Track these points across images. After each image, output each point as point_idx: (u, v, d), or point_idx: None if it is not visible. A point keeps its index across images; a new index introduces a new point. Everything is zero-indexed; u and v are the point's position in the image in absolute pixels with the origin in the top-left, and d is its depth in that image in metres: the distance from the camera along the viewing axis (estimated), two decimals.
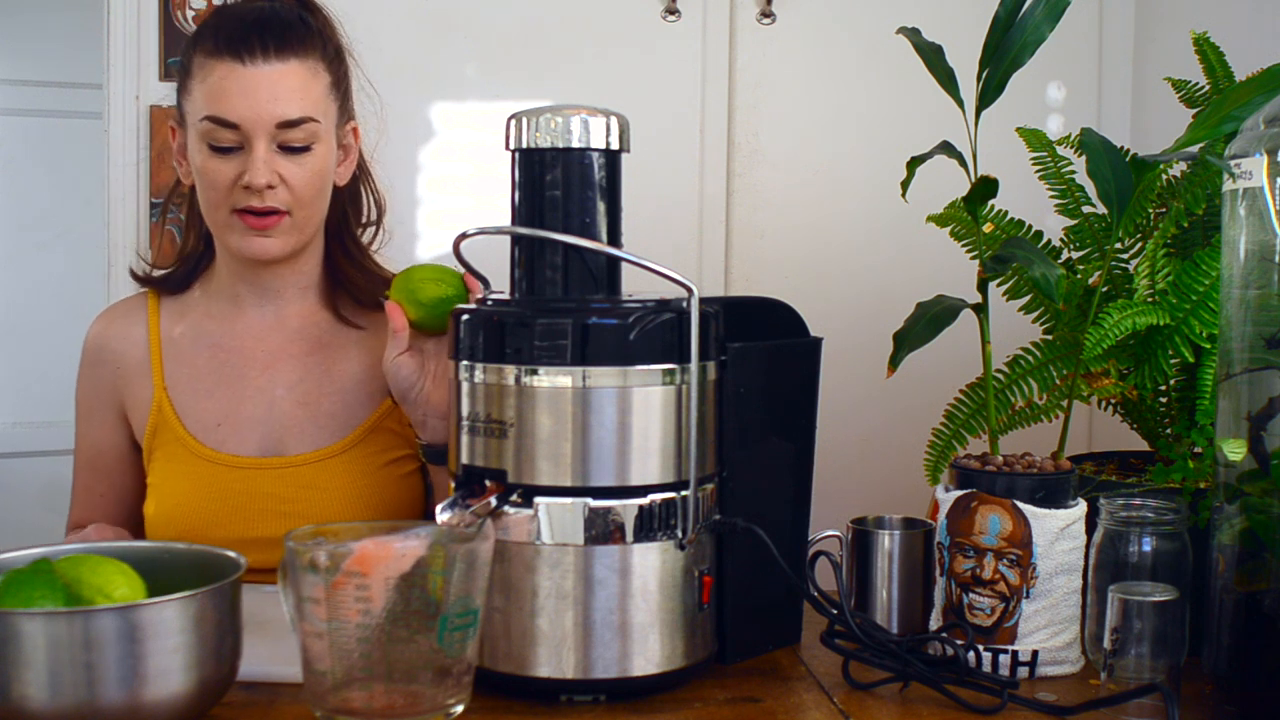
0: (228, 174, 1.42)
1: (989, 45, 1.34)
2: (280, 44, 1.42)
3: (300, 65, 1.43)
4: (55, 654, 0.96)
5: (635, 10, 2.29)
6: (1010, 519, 1.21)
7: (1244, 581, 1.13)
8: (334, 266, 1.57)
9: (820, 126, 2.33)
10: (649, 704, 1.14)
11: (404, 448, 1.54)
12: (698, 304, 1.14)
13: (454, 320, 1.18)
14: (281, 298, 1.55)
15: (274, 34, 1.43)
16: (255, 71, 1.40)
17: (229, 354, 1.54)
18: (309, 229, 1.49)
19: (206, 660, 1.02)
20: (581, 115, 1.18)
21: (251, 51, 1.41)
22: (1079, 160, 1.40)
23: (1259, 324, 1.15)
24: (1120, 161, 1.32)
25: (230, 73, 1.40)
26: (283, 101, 1.41)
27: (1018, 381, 1.48)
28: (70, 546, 1.15)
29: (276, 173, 1.42)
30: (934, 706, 1.14)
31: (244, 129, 1.41)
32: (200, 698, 1.02)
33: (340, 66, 1.51)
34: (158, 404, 1.53)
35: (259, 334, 1.55)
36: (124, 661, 0.97)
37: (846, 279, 2.32)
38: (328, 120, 1.47)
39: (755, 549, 1.19)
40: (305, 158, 1.44)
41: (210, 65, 1.42)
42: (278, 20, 1.45)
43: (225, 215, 1.45)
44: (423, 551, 1.01)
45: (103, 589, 1.04)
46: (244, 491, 1.49)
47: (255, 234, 1.44)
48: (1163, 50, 2.27)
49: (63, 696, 0.96)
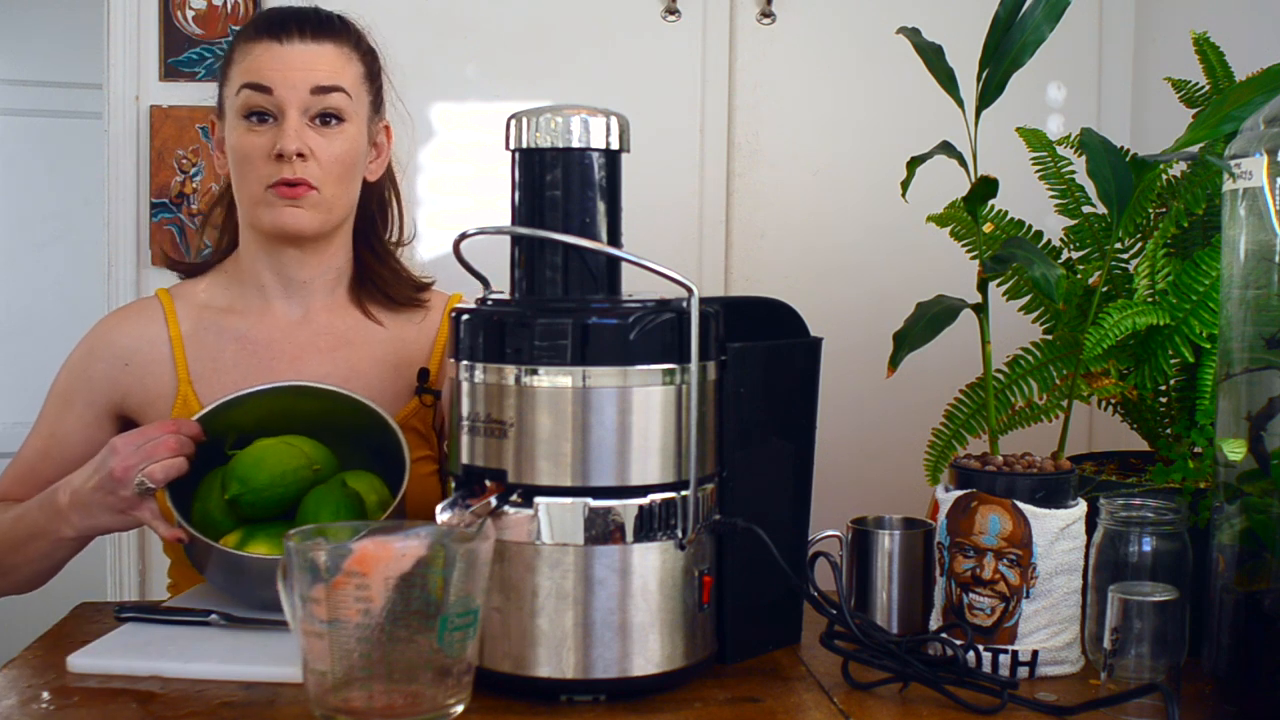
0: (262, 147, 1.48)
1: (989, 45, 1.34)
2: (317, 29, 1.52)
3: (335, 49, 1.52)
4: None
5: (635, 10, 2.29)
6: (1010, 519, 1.21)
7: (1244, 581, 1.13)
8: (362, 264, 1.61)
9: (820, 126, 2.34)
10: (649, 704, 1.14)
11: (425, 448, 1.56)
12: (698, 304, 1.14)
13: (454, 320, 1.18)
14: (308, 290, 1.58)
15: (311, 22, 1.52)
16: (291, 48, 1.49)
17: (256, 346, 1.56)
18: (337, 210, 1.53)
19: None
20: (581, 115, 1.18)
21: (289, 33, 1.50)
22: (1079, 160, 1.40)
23: (1259, 324, 1.14)
24: (1120, 161, 1.32)
25: (268, 49, 1.49)
26: (316, 70, 1.49)
27: (1018, 381, 1.48)
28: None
29: (307, 144, 1.48)
30: (934, 706, 1.14)
31: (277, 94, 1.47)
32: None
33: (374, 65, 1.58)
34: (182, 397, 1.54)
35: (286, 328, 1.57)
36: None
37: (846, 279, 2.32)
38: (359, 102, 1.53)
39: (755, 549, 1.19)
40: (335, 133, 1.50)
41: (249, 47, 1.50)
42: (317, 14, 1.55)
43: (260, 191, 1.49)
44: (423, 551, 1.01)
45: (364, 497, 1.33)
46: None
47: (286, 204, 1.49)
48: (1163, 50, 2.27)
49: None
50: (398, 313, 1.60)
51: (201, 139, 2.29)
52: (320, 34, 1.51)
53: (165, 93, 2.26)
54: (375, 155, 1.59)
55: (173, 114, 2.27)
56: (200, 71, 2.27)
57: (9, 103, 3.48)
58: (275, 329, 1.57)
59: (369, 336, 1.58)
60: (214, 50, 2.27)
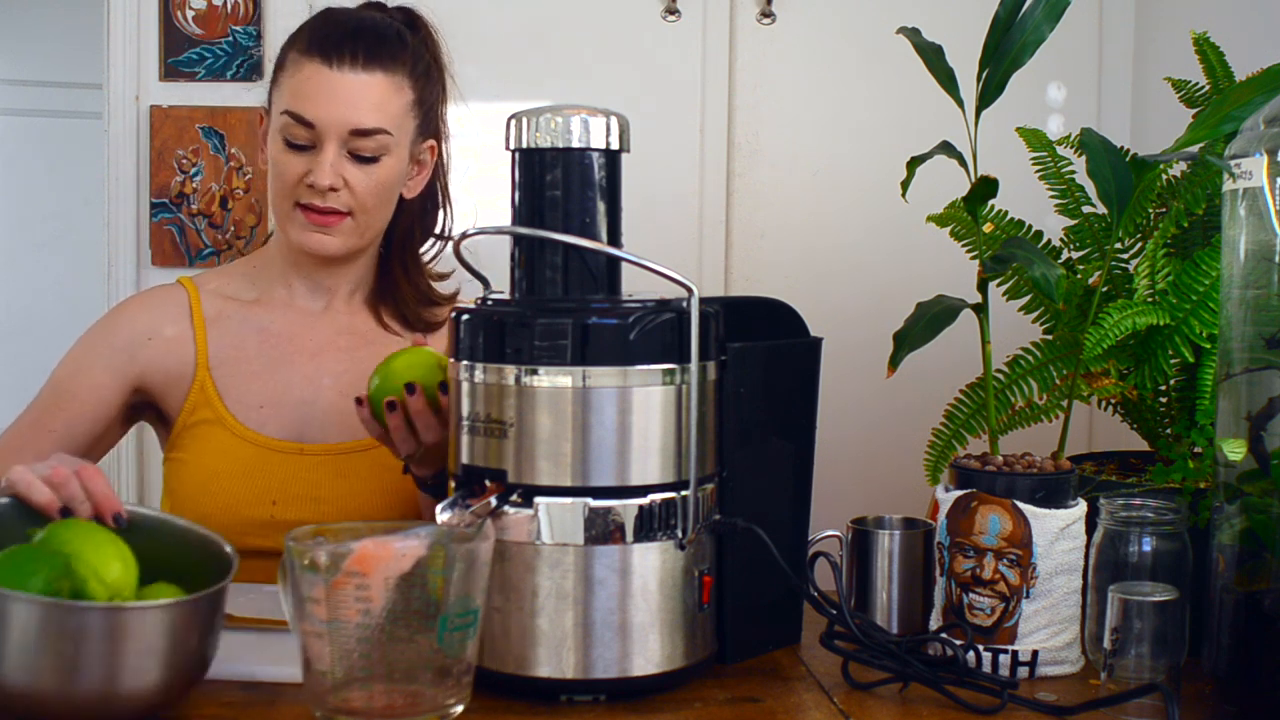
0: (297, 169, 1.47)
1: (989, 45, 1.34)
2: (370, 55, 1.47)
3: (385, 78, 1.48)
4: (42, 641, 0.99)
5: (635, 10, 2.29)
6: (1010, 519, 1.21)
7: (1244, 581, 1.13)
8: (388, 275, 1.61)
9: (820, 126, 2.34)
10: (649, 704, 1.14)
11: None
12: (698, 304, 1.14)
13: (454, 320, 1.18)
14: (333, 293, 1.59)
15: (366, 44, 1.47)
16: (340, 76, 1.45)
17: (278, 339, 1.57)
18: (369, 234, 1.53)
19: (184, 660, 1.04)
20: (581, 115, 1.18)
21: (341, 56, 1.45)
22: (1079, 160, 1.40)
23: (1259, 324, 1.14)
24: (1120, 161, 1.32)
25: (316, 73, 1.45)
26: (360, 110, 1.46)
27: (1018, 381, 1.48)
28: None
29: (341, 176, 1.46)
30: (934, 707, 1.14)
31: (319, 129, 1.45)
32: (171, 689, 1.05)
33: (428, 85, 1.55)
34: (200, 383, 1.54)
35: (309, 323, 1.58)
36: (104, 657, 1.00)
37: (846, 279, 2.32)
38: (402, 134, 1.51)
39: (755, 549, 1.19)
40: (373, 167, 1.48)
41: (301, 62, 1.47)
42: (374, 31, 1.49)
43: (289, 207, 1.49)
44: (423, 551, 1.01)
45: (98, 571, 1.07)
46: (277, 474, 1.51)
47: (314, 229, 1.49)
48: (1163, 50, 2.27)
49: (42, 681, 0.99)
50: (412, 330, 1.60)
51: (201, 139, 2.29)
52: (373, 61, 1.47)
53: (165, 93, 2.26)
54: (416, 172, 1.57)
55: (173, 114, 2.27)
56: (200, 71, 2.27)
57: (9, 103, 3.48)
58: (297, 323, 1.58)
59: (388, 337, 1.59)
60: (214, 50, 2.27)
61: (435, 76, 1.58)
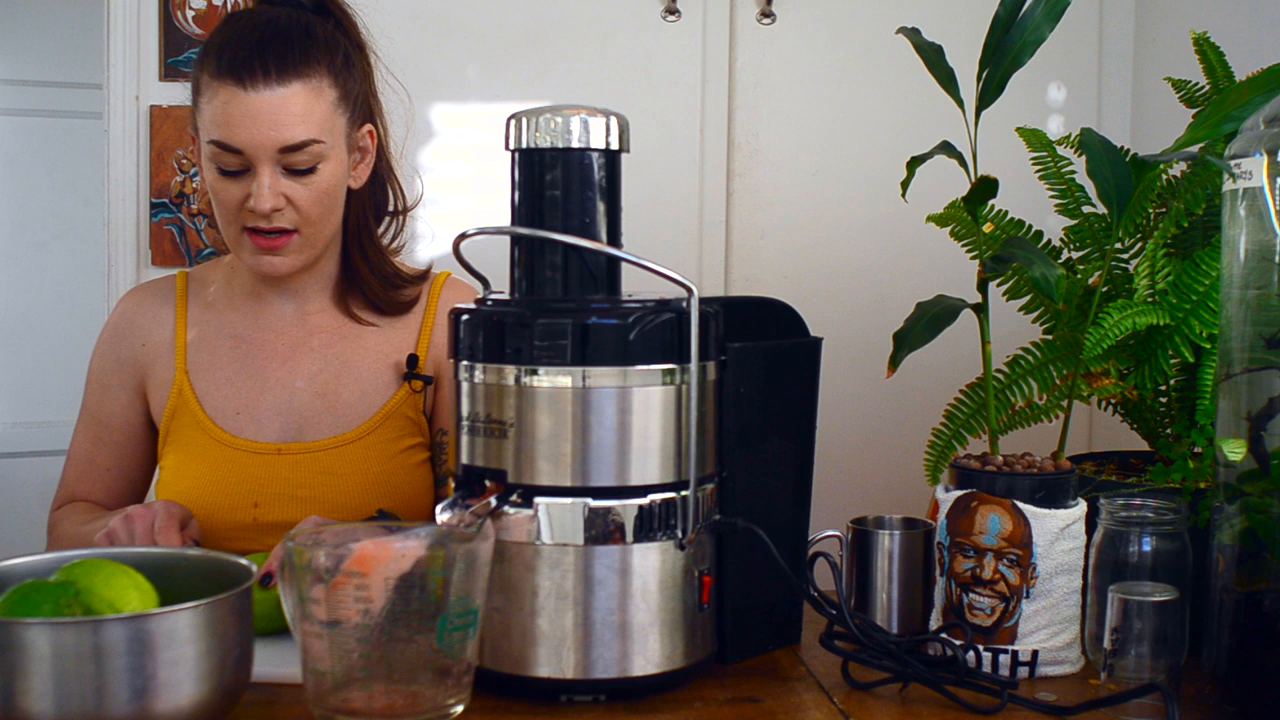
0: (236, 195, 1.44)
1: (989, 45, 1.34)
2: (282, 66, 1.41)
3: (303, 86, 1.42)
4: (61, 665, 0.93)
5: (635, 10, 2.29)
6: (1010, 519, 1.21)
7: (1244, 581, 1.13)
8: (350, 266, 1.59)
9: (820, 126, 2.33)
10: (649, 704, 1.14)
11: (417, 435, 1.56)
12: (698, 304, 1.14)
13: (454, 320, 1.18)
14: (301, 295, 1.58)
15: (275, 55, 1.41)
16: (257, 97, 1.40)
17: (250, 346, 1.57)
18: (319, 243, 1.51)
19: (217, 670, 0.99)
20: (581, 115, 1.18)
21: (253, 75, 1.40)
22: (1079, 160, 1.40)
23: (1259, 324, 1.14)
24: (1120, 161, 1.32)
25: (233, 98, 1.40)
26: (285, 127, 1.41)
27: (1018, 381, 1.48)
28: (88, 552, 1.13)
29: (282, 195, 1.43)
30: (934, 707, 1.14)
31: (247, 154, 1.41)
32: (213, 707, 0.99)
33: (350, 75, 1.50)
34: (178, 387, 1.55)
35: (280, 329, 1.58)
36: (133, 672, 0.94)
37: (846, 279, 2.32)
38: (334, 136, 1.46)
39: (755, 549, 1.19)
40: (312, 178, 1.45)
41: (215, 88, 1.42)
42: (281, 38, 1.43)
43: (236, 232, 1.47)
44: (423, 551, 1.01)
45: (114, 603, 1.02)
46: (261, 476, 1.51)
47: (264, 253, 1.47)
48: (1163, 50, 2.27)
49: (69, 708, 0.93)
50: (384, 315, 1.59)
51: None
52: (286, 71, 1.41)
53: (165, 93, 2.26)
54: (360, 160, 1.53)
55: (173, 114, 2.26)
56: None
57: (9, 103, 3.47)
58: (269, 329, 1.57)
59: (360, 330, 1.58)
60: None
61: (356, 61, 1.52)
